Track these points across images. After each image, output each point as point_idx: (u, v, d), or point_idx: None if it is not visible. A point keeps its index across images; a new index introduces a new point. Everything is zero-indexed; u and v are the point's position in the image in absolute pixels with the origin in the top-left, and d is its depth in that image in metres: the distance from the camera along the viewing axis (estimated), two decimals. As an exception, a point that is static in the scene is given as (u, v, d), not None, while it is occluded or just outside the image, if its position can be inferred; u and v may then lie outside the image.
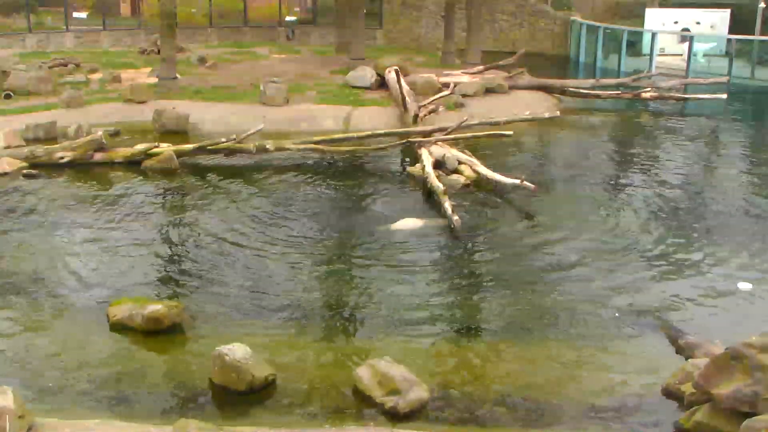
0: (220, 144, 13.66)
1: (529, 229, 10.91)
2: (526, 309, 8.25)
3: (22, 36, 27.01)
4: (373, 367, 6.53)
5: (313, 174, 13.54)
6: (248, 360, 6.52)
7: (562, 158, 15.66)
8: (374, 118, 16.85)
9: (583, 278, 9.08)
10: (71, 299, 8.36)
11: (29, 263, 9.31)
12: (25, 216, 11.01)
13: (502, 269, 9.43)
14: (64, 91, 17.98)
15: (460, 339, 7.61)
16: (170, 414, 6.16)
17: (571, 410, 6.39)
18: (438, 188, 11.47)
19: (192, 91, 19.02)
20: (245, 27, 30.70)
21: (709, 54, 25.83)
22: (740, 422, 5.29)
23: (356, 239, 10.39)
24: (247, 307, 8.21)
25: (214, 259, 9.49)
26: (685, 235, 10.54)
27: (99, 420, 5.92)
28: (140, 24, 29.89)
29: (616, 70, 25.72)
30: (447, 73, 20.44)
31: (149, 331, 7.51)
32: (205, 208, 11.51)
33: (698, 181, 13.79)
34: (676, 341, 7.41)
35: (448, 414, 6.29)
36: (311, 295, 8.59)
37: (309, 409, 6.34)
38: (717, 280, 9.12)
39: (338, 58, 24.73)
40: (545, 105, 18.81)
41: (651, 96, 19.76)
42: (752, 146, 16.91)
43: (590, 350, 7.40)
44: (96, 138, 13.69)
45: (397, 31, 31.48)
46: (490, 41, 29.34)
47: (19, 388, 6.02)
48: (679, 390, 6.35)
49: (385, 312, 8.13)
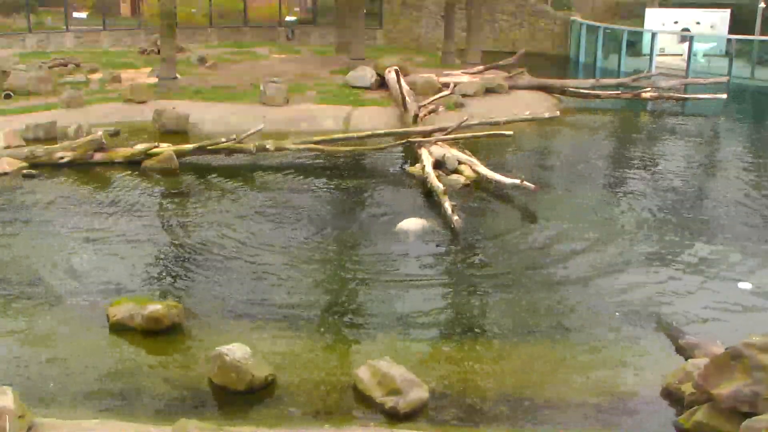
0: (220, 144, 13.65)
1: (528, 229, 10.91)
2: (526, 309, 8.25)
3: (22, 36, 27.02)
4: (373, 368, 6.52)
5: (313, 174, 13.54)
6: (248, 360, 6.52)
7: (562, 158, 15.66)
8: (374, 118, 16.85)
9: (583, 278, 9.08)
10: (71, 299, 8.35)
11: (29, 263, 9.30)
12: (24, 216, 11.01)
13: (501, 269, 9.44)
14: (64, 91, 17.99)
15: (460, 339, 7.61)
16: (170, 414, 6.15)
17: (571, 410, 6.39)
18: (438, 188, 11.47)
19: (192, 91, 19.03)
20: (245, 27, 30.71)
21: (709, 54, 25.84)
22: (740, 422, 5.29)
23: (356, 239, 10.40)
24: (247, 307, 8.20)
25: (214, 259, 9.48)
26: (685, 235, 10.55)
27: (99, 420, 5.93)
28: (140, 24, 29.90)
29: (616, 70, 25.73)
30: (447, 73, 20.45)
31: (149, 331, 7.51)
32: (205, 208, 11.51)
33: (698, 180, 13.80)
34: (676, 341, 7.41)
35: (448, 414, 6.29)
36: (311, 295, 8.58)
37: (309, 409, 6.34)
38: (717, 279, 9.13)
39: (338, 58, 24.73)
40: (545, 105, 18.81)
41: (651, 96, 19.76)
42: (752, 146, 16.90)
43: (590, 350, 7.41)
44: (96, 138, 13.69)
45: (397, 31, 31.48)
46: (490, 41, 29.34)
47: (19, 388, 6.01)
48: (679, 390, 6.35)
49: (385, 312, 8.13)
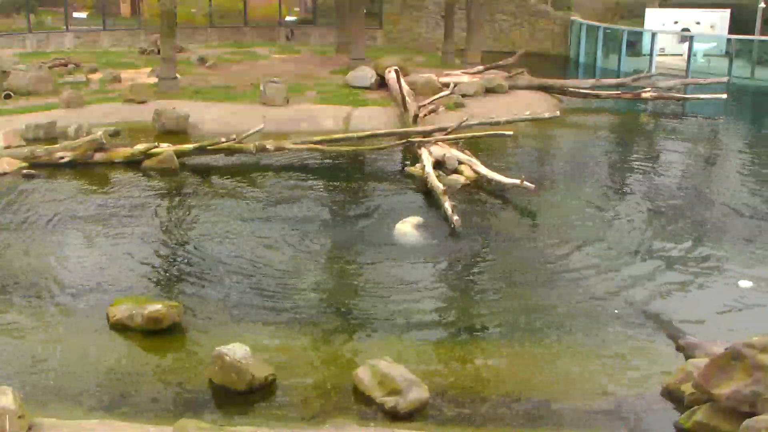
0: (220, 144, 13.65)
1: (528, 229, 10.92)
2: (526, 309, 8.25)
3: (22, 36, 27.01)
4: (373, 368, 6.53)
5: (313, 174, 13.54)
6: (248, 360, 6.52)
7: (562, 158, 15.67)
8: (374, 118, 16.84)
9: (583, 278, 9.07)
10: (71, 299, 8.35)
11: (29, 263, 9.30)
12: (24, 216, 11.00)
13: (501, 269, 9.45)
14: (64, 91, 17.98)
15: (460, 339, 7.61)
16: (170, 414, 6.16)
17: (571, 410, 6.39)
18: (438, 188, 11.47)
19: (192, 91, 19.02)
20: (245, 27, 30.70)
21: (709, 54, 25.85)
22: (740, 422, 5.29)
23: (356, 239, 10.39)
24: (247, 307, 8.20)
25: (214, 259, 9.48)
26: (685, 234, 10.55)
27: (99, 420, 5.93)
28: (140, 24, 29.88)
29: (616, 70, 25.72)
30: (447, 73, 20.44)
31: (149, 331, 7.51)
32: (205, 208, 11.50)
33: (698, 180, 13.80)
34: (676, 341, 7.41)
35: (448, 414, 6.29)
36: (311, 295, 8.59)
37: (309, 409, 6.33)
38: (717, 278, 9.13)
39: (338, 58, 24.72)
40: (545, 105, 18.80)
41: (651, 96, 19.74)
42: (752, 146, 16.89)
43: (590, 350, 7.40)
44: (96, 138, 13.68)
45: (397, 31, 31.47)
46: (490, 41, 29.32)
47: (19, 388, 6.01)
48: (679, 390, 6.35)
49: (385, 312, 8.13)
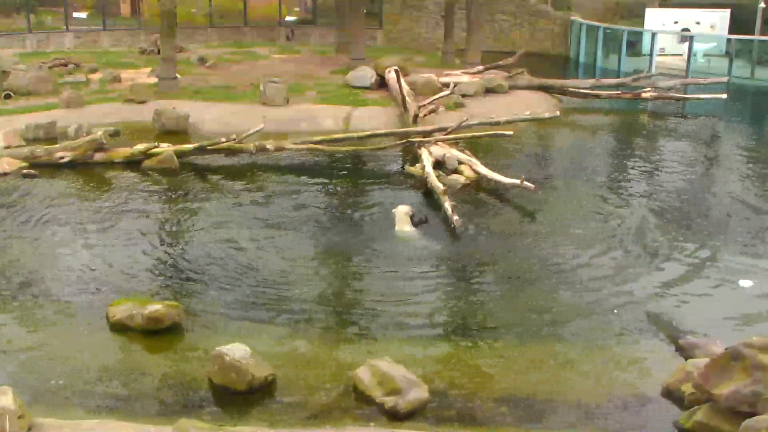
0: (220, 144, 13.65)
1: (529, 229, 10.91)
2: (526, 309, 8.24)
3: (22, 36, 27.02)
4: (373, 367, 6.52)
5: (313, 174, 13.53)
6: (248, 360, 6.52)
7: (562, 158, 15.66)
8: (374, 118, 16.83)
9: (583, 278, 9.08)
10: (71, 299, 8.34)
11: (29, 263, 9.30)
12: (24, 216, 11.00)
13: (501, 269, 9.45)
14: (64, 91, 17.98)
15: (460, 339, 7.60)
16: (170, 414, 6.15)
17: (571, 410, 6.38)
18: (438, 188, 11.47)
19: (192, 91, 19.02)
20: (245, 27, 30.72)
21: (709, 54, 25.85)
22: (740, 422, 5.29)
23: (356, 239, 10.40)
24: (247, 307, 8.20)
25: (214, 259, 9.48)
26: (685, 234, 10.54)
27: (99, 420, 5.92)
28: (140, 24, 29.90)
29: (616, 70, 25.73)
30: (447, 73, 20.44)
31: (149, 331, 7.50)
32: (205, 209, 11.50)
33: (698, 180, 13.80)
34: (676, 341, 7.41)
35: (448, 414, 6.29)
36: (311, 294, 8.58)
37: (309, 409, 6.33)
38: (717, 277, 9.13)
39: (338, 58, 24.72)
40: (545, 105, 18.80)
41: (651, 96, 19.74)
42: (752, 146, 16.89)
43: (590, 350, 7.40)
44: (96, 138, 13.67)
45: (397, 31, 31.48)
46: (490, 41, 29.33)
47: (19, 388, 6.00)
48: (679, 390, 6.35)
49: (385, 312, 8.12)
